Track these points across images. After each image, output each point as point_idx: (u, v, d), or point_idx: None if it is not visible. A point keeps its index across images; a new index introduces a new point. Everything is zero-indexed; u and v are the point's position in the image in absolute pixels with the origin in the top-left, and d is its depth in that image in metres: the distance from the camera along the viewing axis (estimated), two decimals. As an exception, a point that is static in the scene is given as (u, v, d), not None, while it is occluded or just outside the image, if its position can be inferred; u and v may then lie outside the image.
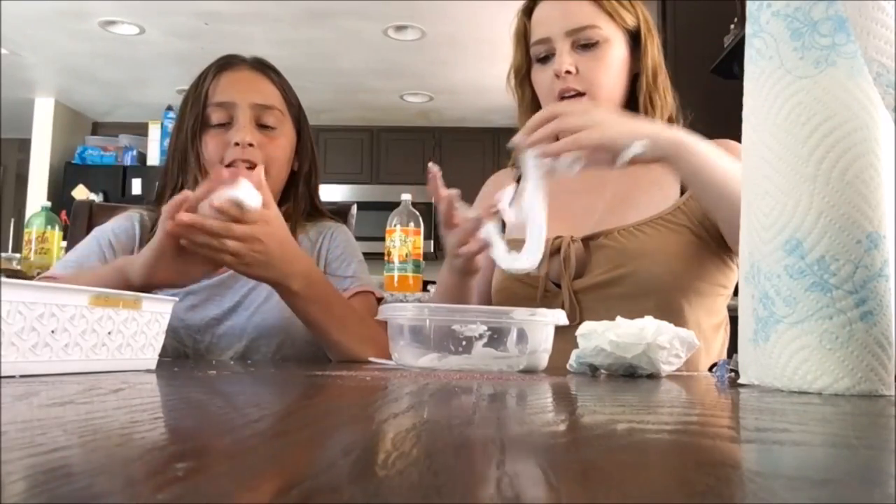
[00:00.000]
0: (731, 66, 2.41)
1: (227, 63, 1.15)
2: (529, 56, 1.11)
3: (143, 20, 3.95)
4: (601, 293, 1.01)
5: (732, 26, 2.44)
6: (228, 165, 1.07)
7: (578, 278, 1.03)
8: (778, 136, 0.57)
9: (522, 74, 1.13)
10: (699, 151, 0.87)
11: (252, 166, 1.06)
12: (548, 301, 1.03)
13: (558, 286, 1.04)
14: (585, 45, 1.05)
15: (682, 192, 1.06)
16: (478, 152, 5.52)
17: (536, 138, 0.86)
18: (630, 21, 1.08)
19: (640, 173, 1.07)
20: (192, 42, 4.17)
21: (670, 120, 1.10)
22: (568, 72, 1.04)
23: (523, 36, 1.11)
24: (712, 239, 1.03)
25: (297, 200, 1.18)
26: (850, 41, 0.55)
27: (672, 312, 0.99)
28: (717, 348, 1.07)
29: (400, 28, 4.02)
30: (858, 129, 0.55)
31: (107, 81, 4.83)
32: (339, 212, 1.38)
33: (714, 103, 2.24)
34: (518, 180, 1.10)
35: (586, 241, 1.04)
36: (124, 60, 4.46)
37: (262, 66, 1.17)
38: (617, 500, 0.19)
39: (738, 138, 0.65)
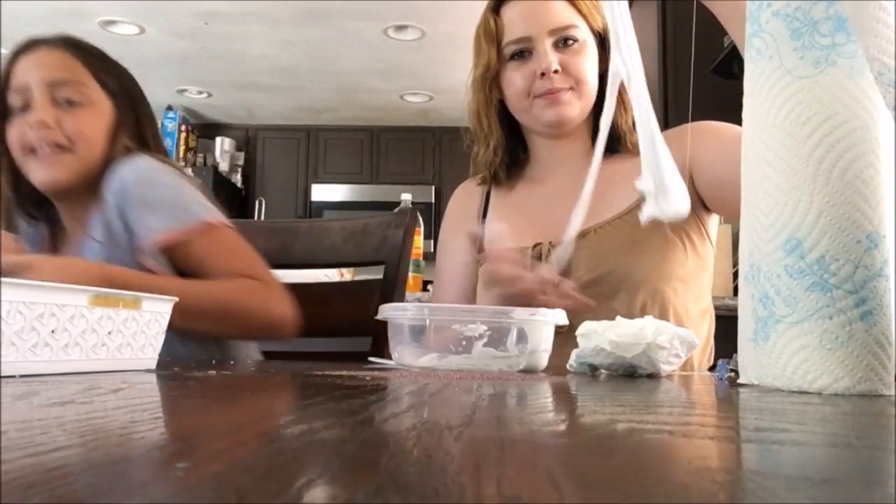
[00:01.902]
0: (731, 66, 2.41)
1: (23, 47, 1.08)
2: (500, 55, 1.10)
3: (143, 20, 3.95)
4: (587, 293, 1.02)
5: (732, 26, 2.43)
6: (32, 150, 1.03)
7: None
8: (778, 136, 0.57)
9: (492, 76, 1.12)
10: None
11: (59, 146, 1.02)
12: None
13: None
14: (566, 43, 1.06)
15: None
16: (478, 152, 5.51)
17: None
18: (599, 22, 1.09)
19: (610, 170, 1.08)
20: (192, 42, 4.17)
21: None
22: (555, 71, 1.04)
23: (493, 34, 1.10)
24: (686, 222, 1.03)
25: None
26: (850, 41, 0.55)
27: (659, 303, 1.00)
28: (704, 335, 1.08)
29: (400, 28, 4.02)
30: (858, 129, 0.55)
31: (107, 81, 4.83)
32: (401, 213, 1.37)
33: (714, 103, 2.24)
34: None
35: None
36: (124, 60, 4.42)
37: (60, 42, 1.09)
38: (617, 501, 0.19)
39: (738, 138, 0.65)
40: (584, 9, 1.08)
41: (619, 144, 1.10)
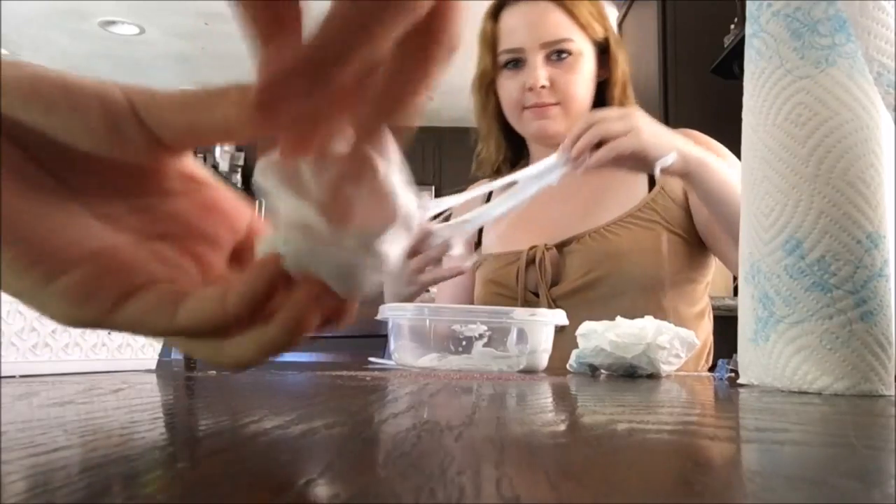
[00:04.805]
0: (731, 66, 2.41)
1: None
2: (496, 61, 1.10)
3: (143, 20, 3.95)
4: (579, 298, 1.02)
5: (732, 26, 2.44)
6: None
7: (556, 285, 1.03)
8: (778, 136, 0.57)
9: (488, 80, 1.12)
10: (717, 170, 0.88)
11: None
12: None
13: (537, 295, 1.04)
14: (559, 57, 1.06)
15: (651, 188, 1.06)
16: (478, 152, 5.52)
17: (580, 148, 0.84)
18: (599, 33, 1.09)
19: (607, 175, 1.08)
20: (192, 42, 4.17)
21: None
22: (542, 86, 1.04)
23: (490, 41, 1.10)
24: (686, 233, 1.03)
25: None
26: (850, 41, 0.55)
27: (650, 308, 1.00)
28: (701, 337, 1.08)
29: (400, 28, 4.02)
30: (858, 129, 0.55)
31: (107, 81, 4.84)
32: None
33: (714, 103, 2.24)
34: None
35: (560, 247, 1.04)
36: (124, 60, 4.46)
37: None
38: (617, 500, 0.19)
39: (738, 138, 0.66)
40: (583, 20, 1.07)
41: None
